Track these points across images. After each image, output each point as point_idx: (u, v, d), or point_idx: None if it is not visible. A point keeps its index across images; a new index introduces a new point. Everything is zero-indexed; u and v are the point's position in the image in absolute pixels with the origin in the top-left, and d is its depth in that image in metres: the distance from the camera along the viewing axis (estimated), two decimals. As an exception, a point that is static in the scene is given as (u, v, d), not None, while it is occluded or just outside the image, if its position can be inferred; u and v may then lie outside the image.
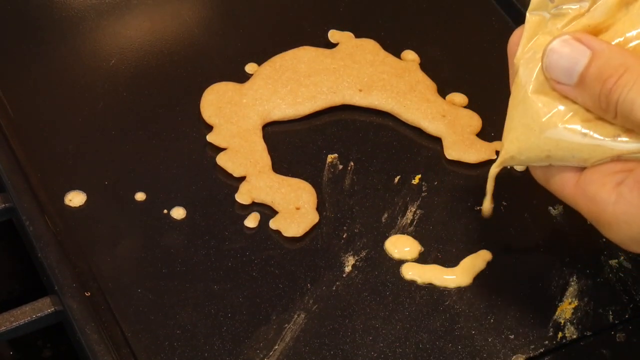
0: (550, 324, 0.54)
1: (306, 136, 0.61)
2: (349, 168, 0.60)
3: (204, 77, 0.63)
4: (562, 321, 0.54)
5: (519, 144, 0.48)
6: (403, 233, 0.57)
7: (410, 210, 0.58)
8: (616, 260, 0.56)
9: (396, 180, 0.59)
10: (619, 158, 0.45)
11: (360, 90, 0.62)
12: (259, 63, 0.64)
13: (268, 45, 0.65)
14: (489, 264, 0.56)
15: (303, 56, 0.64)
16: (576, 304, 0.55)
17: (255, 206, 0.58)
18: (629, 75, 0.44)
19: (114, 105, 0.62)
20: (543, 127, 0.46)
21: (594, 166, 0.46)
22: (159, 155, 0.60)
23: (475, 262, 0.56)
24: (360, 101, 0.62)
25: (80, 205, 0.57)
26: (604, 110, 0.45)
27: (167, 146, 0.60)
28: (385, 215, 0.58)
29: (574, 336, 0.54)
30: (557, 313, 0.54)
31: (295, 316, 0.54)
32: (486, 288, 0.55)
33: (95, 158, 0.59)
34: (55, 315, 0.53)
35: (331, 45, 0.66)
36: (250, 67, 0.64)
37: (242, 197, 0.58)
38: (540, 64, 0.47)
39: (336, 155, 0.60)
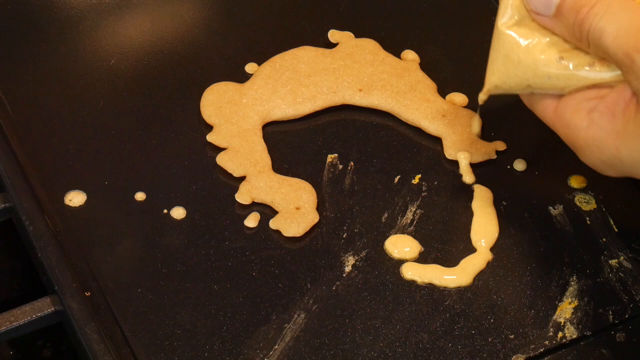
0: (550, 324, 0.54)
1: (306, 136, 0.61)
2: (349, 168, 0.60)
3: (204, 77, 0.63)
4: (562, 321, 0.54)
5: (500, 74, 0.51)
6: (403, 233, 0.57)
7: (410, 210, 0.58)
8: (616, 260, 0.56)
9: (396, 180, 0.59)
10: (594, 86, 0.48)
11: (360, 90, 0.62)
12: (259, 63, 0.64)
13: (268, 45, 0.65)
14: (489, 264, 0.56)
15: (303, 56, 0.64)
16: (576, 303, 0.55)
17: (255, 206, 0.58)
18: (600, 5, 0.47)
19: (114, 105, 0.62)
20: (522, 58, 0.50)
21: (571, 93, 0.49)
22: (159, 155, 0.60)
23: (475, 262, 0.56)
24: (360, 101, 0.62)
25: (80, 205, 0.57)
26: (578, 39, 0.48)
27: (167, 146, 0.60)
28: (385, 215, 0.58)
29: (574, 336, 0.54)
30: (557, 313, 0.54)
31: (295, 316, 0.54)
32: (486, 288, 0.55)
33: (95, 158, 0.59)
34: (55, 315, 0.53)
35: (331, 45, 0.66)
36: (250, 67, 0.64)
37: (242, 197, 0.58)
38: None
39: (336, 155, 0.60)
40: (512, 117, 0.61)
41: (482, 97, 0.53)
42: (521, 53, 0.50)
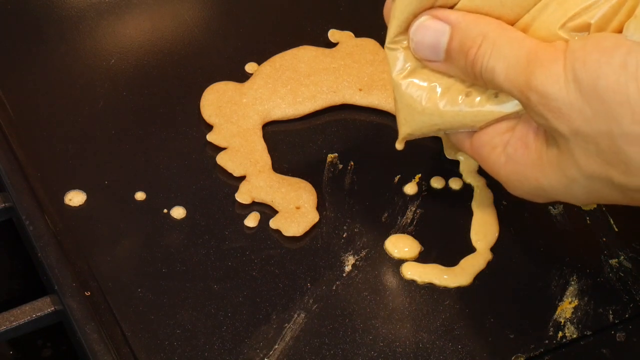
0: (551, 324, 0.54)
1: (306, 136, 0.61)
2: (349, 167, 0.60)
3: (204, 76, 0.63)
4: (562, 321, 0.54)
5: (408, 123, 0.50)
6: (403, 233, 0.57)
7: (410, 210, 0.58)
8: (616, 260, 0.56)
9: (396, 179, 0.59)
10: (502, 118, 0.48)
11: (360, 90, 0.62)
12: (259, 62, 0.64)
13: (268, 45, 0.65)
14: (489, 264, 0.56)
15: (303, 56, 0.64)
16: (576, 303, 0.55)
17: (255, 206, 0.58)
18: (486, 44, 0.46)
19: (114, 105, 0.62)
20: (425, 105, 0.49)
21: (483, 129, 0.49)
22: (159, 154, 0.60)
23: (475, 262, 0.56)
24: (360, 100, 0.62)
25: (80, 205, 0.57)
26: (474, 79, 0.47)
27: (167, 146, 0.60)
28: (385, 214, 0.58)
29: (574, 336, 0.54)
30: (557, 312, 0.54)
31: (295, 316, 0.54)
32: (486, 288, 0.55)
33: (95, 158, 0.59)
34: (55, 315, 0.53)
35: (331, 45, 0.66)
36: (250, 67, 0.64)
37: (242, 196, 0.58)
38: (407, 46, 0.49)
39: (336, 154, 0.60)
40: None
41: (398, 146, 0.53)
42: (422, 101, 0.49)
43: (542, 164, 0.46)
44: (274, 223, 0.57)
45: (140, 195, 0.58)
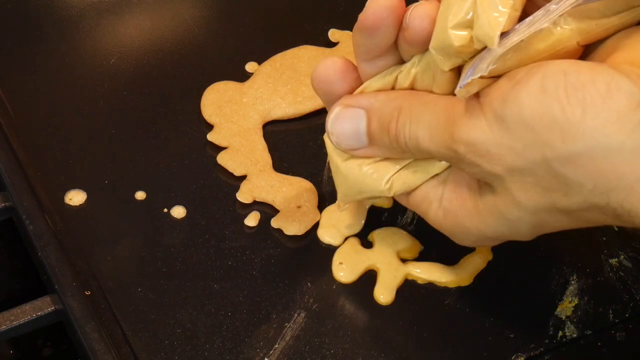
0: (551, 323, 0.54)
1: (306, 135, 0.61)
2: (349, 167, 0.60)
3: (204, 76, 0.63)
4: (562, 320, 0.54)
5: (349, 199, 0.51)
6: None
7: (410, 210, 0.58)
8: (616, 259, 0.56)
9: (396, 179, 0.59)
10: (434, 176, 0.48)
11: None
12: (260, 62, 0.64)
13: (268, 44, 0.65)
14: (489, 263, 0.56)
15: (303, 55, 0.64)
16: (576, 302, 0.55)
17: (255, 205, 0.58)
18: (403, 115, 0.46)
19: (114, 105, 0.62)
20: (362, 189, 0.50)
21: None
22: (159, 154, 0.60)
23: (475, 262, 0.56)
24: (361, 100, 0.62)
25: (80, 204, 0.57)
26: (402, 153, 0.47)
27: (168, 145, 0.60)
28: (386, 214, 0.58)
29: (574, 335, 0.54)
30: (557, 312, 0.54)
31: (296, 315, 0.54)
32: (486, 288, 0.55)
33: (95, 157, 0.59)
34: (55, 314, 0.53)
35: (331, 45, 0.66)
36: (250, 66, 0.64)
37: (243, 196, 0.58)
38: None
39: (336, 154, 0.60)
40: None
41: (340, 205, 0.54)
42: (360, 185, 0.50)
43: (479, 213, 0.46)
44: (275, 222, 0.57)
45: (140, 195, 0.58)
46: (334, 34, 0.66)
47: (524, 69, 0.42)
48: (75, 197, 0.57)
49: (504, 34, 0.42)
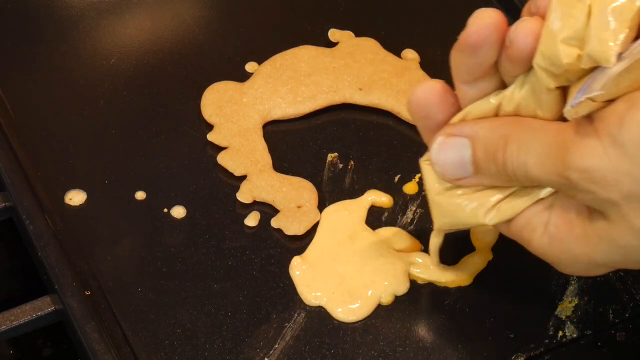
0: (551, 323, 0.54)
1: (306, 135, 0.61)
2: (349, 167, 0.60)
3: (204, 76, 0.63)
4: (563, 320, 0.54)
5: (448, 228, 0.50)
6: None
7: (411, 210, 0.58)
8: (616, 259, 0.56)
9: (396, 179, 0.60)
10: (538, 201, 0.46)
11: (361, 89, 0.62)
12: (259, 62, 0.64)
13: (268, 44, 0.65)
14: (489, 263, 0.56)
15: (303, 55, 0.64)
16: (576, 302, 0.55)
17: (255, 205, 0.58)
18: (512, 144, 0.45)
19: (114, 105, 0.62)
20: (466, 220, 0.48)
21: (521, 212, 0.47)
22: (159, 154, 0.60)
23: (475, 262, 0.56)
24: (361, 100, 0.62)
25: (80, 204, 0.57)
26: (509, 182, 0.46)
27: (168, 145, 0.60)
28: (386, 214, 0.58)
29: (574, 335, 0.54)
30: (557, 312, 0.54)
31: (296, 315, 0.54)
32: (486, 287, 0.55)
33: (95, 157, 0.59)
34: (55, 314, 0.53)
35: (331, 44, 0.66)
36: (250, 66, 0.64)
37: (244, 196, 0.58)
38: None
39: (336, 154, 0.60)
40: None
41: (435, 234, 0.52)
42: (461, 217, 0.49)
43: (589, 240, 0.44)
44: (275, 222, 0.57)
45: (140, 195, 0.58)
46: (334, 34, 0.66)
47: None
48: (75, 197, 0.57)
49: (619, 54, 0.41)
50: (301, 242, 0.56)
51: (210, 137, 0.60)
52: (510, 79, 0.46)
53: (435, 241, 0.52)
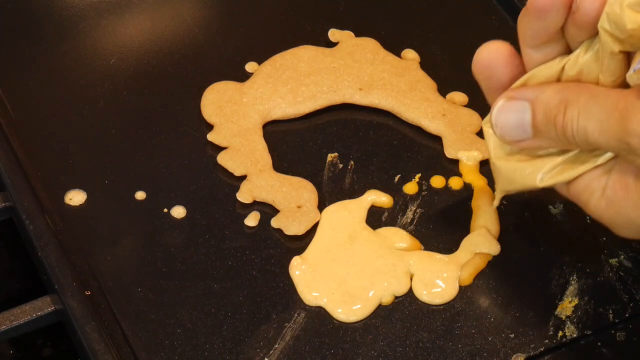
0: (551, 323, 0.54)
1: (306, 135, 0.61)
2: (349, 167, 0.60)
3: (204, 76, 0.63)
4: (563, 320, 0.54)
5: (509, 189, 0.51)
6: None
7: (411, 210, 0.58)
8: (616, 259, 0.56)
9: (396, 179, 0.60)
10: (597, 166, 0.47)
11: (361, 89, 0.62)
12: (259, 62, 0.64)
13: (268, 44, 0.65)
14: (489, 263, 0.56)
15: (303, 55, 0.64)
16: (576, 302, 0.55)
17: (255, 205, 0.58)
18: (572, 108, 0.45)
19: (114, 105, 0.62)
20: (523, 183, 0.49)
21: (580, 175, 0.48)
22: (159, 154, 0.60)
23: (475, 262, 0.56)
24: (361, 100, 0.62)
25: (80, 204, 0.57)
26: (568, 145, 0.47)
27: (168, 145, 0.60)
28: (386, 214, 0.58)
29: (574, 335, 0.54)
30: (557, 312, 0.54)
31: (296, 315, 0.54)
32: (486, 287, 0.55)
33: (96, 157, 0.59)
34: (55, 314, 0.53)
35: (331, 44, 0.66)
36: (250, 66, 0.64)
37: (244, 196, 0.58)
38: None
39: (336, 154, 0.60)
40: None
41: (495, 203, 0.53)
42: (520, 179, 0.49)
43: None
44: (275, 222, 0.57)
45: (140, 195, 0.58)
46: (334, 34, 0.66)
47: None
48: (75, 197, 0.57)
49: None
50: (301, 242, 0.56)
51: (210, 137, 0.60)
52: (576, 44, 0.46)
53: (495, 202, 0.54)
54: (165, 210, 0.57)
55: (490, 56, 0.49)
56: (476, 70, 0.50)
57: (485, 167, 0.60)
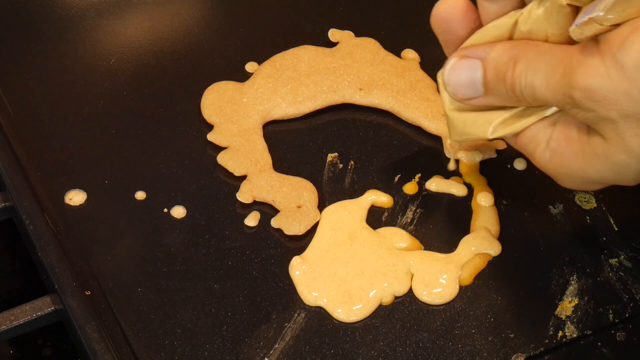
0: (551, 323, 0.54)
1: (306, 135, 0.61)
2: (349, 167, 0.60)
3: (204, 76, 0.63)
4: (563, 320, 0.54)
5: (461, 139, 0.53)
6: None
7: (411, 210, 0.58)
8: (616, 259, 0.56)
9: (396, 179, 0.60)
10: (544, 118, 0.49)
11: (361, 89, 0.62)
12: (259, 62, 0.64)
13: (268, 44, 0.65)
14: (489, 263, 0.56)
15: (303, 55, 0.64)
16: (576, 302, 0.55)
17: (255, 205, 0.58)
18: (520, 64, 0.47)
19: (114, 105, 0.62)
20: (474, 133, 0.51)
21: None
22: (159, 154, 0.60)
23: (475, 262, 0.56)
24: (361, 100, 0.62)
25: (80, 204, 0.57)
26: (517, 101, 0.48)
27: (168, 145, 0.60)
28: (386, 214, 0.58)
29: (574, 335, 0.54)
30: (557, 312, 0.54)
31: (296, 315, 0.54)
32: (486, 287, 0.55)
33: (95, 157, 0.59)
34: (55, 314, 0.53)
35: (331, 44, 0.66)
36: (250, 66, 0.64)
37: (244, 196, 0.58)
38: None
39: (336, 154, 0.60)
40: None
41: (451, 163, 0.56)
42: (471, 130, 0.51)
43: (586, 156, 0.47)
44: (275, 222, 0.57)
45: (140, 195, 0.58)
46: (334, 34, 0.66)
47: None
48: (75, 197, 0.57)
49: None
50: (301, 242, 0.56)
51: (210, 137, 0.60)
52: None
53: (452, 162, 0.57)
54: (165, 210, 0.57)
55: (448, 10, 0.50)
56: (434, 25, 0.51)
57: (485, 167, 0.60)
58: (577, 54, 0.45)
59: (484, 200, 0.58)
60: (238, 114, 0.61)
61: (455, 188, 0.58)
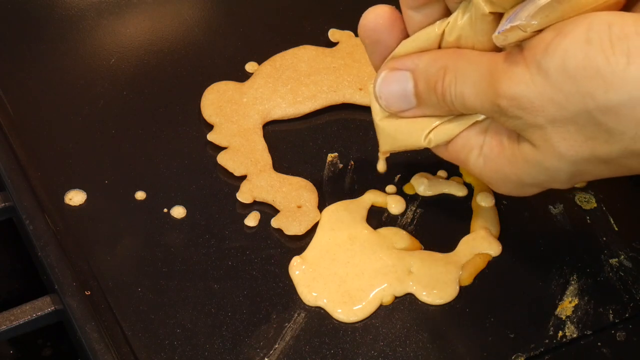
0: (551, 323, 0.54)
1: (306, 135, 0.61)
2: (349, 167, 0.60)
3: (204, 76, 0.63)
4: (563, 320, 0.54)
5: (392, 148, 0.52)
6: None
7: (411, 209, 0.58)
8: (616, 259, 0.56)
9: (396, 179, 0.59)
10: (474, 123, 0.49)
11: (361, 89, 0.62)
12: (259, 62, 0.64)
13: (268, 44, 0.65)
14: (489, 263, 0.56)
15: (303, 55, 0.64)
16: (576, 302, 0.55)
17: (255, 205, 0.58)
18: (449, 74, 0.47)
19: (114, 104, 0.62)
20: (407, 143, 0.51)
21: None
22: (159, 154, 0.60)
23: (475, 262, 0.56)
24: (361, 100, 0.62)
25: (80, 204, 0.57)
26: (449, 112, 0.48)
27: (168, 145, 0.60)
28: (386, 214, 0.58)
29: (574, 335, 0.54)
30: (557, 312, 0.54)
31: (296, 315, 0.54)
32: (486, 287, 0.55)
33: (95, 157, 0.59)
34: (55, 314, 0.53)
35: (331, 44, 0.66)
36: (250, 66, 0.64)
37: (244, 196, 0.58)
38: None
39: (336, 154, 0.60)
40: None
41: (379, 166, 0.57)
42: (403, 138, 0.51)
43: (517, 162, 0.47)
44: (275, 222, 0.57)
45: (140, 195, 0.58)
46: (334, 34, 0.66)
47: (568, 21, 0.42)
48: (75, 197, 0.57)
49: None
50: (301, 242, 0.56)
51: (210, 137, 0.60)
52: (454, 5, 0.47)
53: (382, 164, 0.57)
54: (165, 210, 0.57)
55: (377, 20, 0.50)
56: (362, 35, 0.51)
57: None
58: (502, 61, 0.45)
59: (484, 200, 0.58)
60: (238, 114, 0.61)
61: (456, 188, 0.59)
